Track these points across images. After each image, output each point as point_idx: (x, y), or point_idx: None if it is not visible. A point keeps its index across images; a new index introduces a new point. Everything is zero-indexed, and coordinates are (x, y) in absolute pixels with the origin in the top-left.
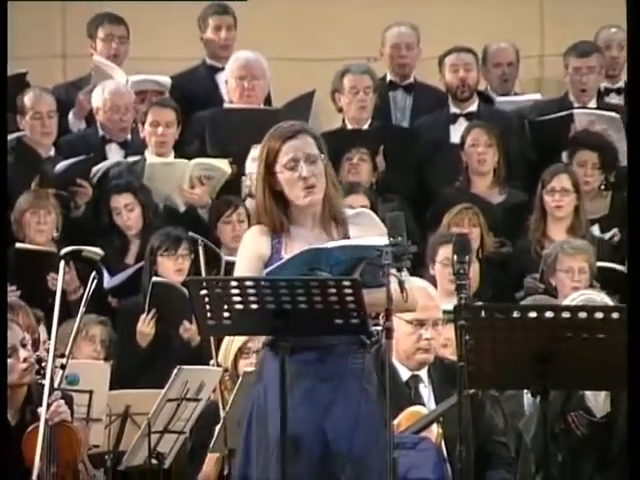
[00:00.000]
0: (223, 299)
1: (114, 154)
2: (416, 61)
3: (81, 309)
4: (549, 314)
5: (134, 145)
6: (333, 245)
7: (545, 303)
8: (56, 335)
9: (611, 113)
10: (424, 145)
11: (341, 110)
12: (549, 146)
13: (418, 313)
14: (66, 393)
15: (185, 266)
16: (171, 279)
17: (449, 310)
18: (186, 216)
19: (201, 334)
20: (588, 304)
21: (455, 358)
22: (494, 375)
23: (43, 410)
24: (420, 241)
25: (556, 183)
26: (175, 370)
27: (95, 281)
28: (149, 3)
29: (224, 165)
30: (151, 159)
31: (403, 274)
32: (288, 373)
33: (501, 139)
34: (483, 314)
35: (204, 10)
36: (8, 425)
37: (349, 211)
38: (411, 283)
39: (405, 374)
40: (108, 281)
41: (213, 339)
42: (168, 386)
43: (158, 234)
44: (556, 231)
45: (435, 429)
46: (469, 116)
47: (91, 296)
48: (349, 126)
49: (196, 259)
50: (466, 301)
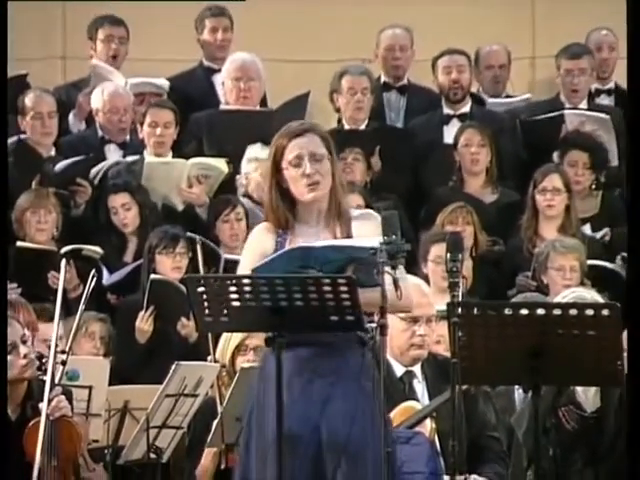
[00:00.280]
0: (220, 296)
1: (113, 154)
2: (410, 63)
3: (81, 306)
4: (541, 311)
5: (133, 146)
6: (323, 244)
7: (536, 300)
8: (57, 332)
9: (601, 114)
10: (418, 145)
11: (339, 110)
12: (540, 146)
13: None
14: (66, 388)
15: (183, 264)
16: (169, 276)
17: (442, 309)
18: (184, 215)
19: (199, 331)
20: (579, 301)
21: (448, 354)
22: (487, 371)
23: (44, 405)
24: (414, 239)
25: (548, 183)
26: (173, 366)
27: (95, 279)
28: (147, 5)
29: (221, 164)
30: (149, 159)
31: (398, 271)
32: (287, 370)
33: (493, 139)
34: (476, 311)
35: (201, 12)
36: (9, 420)
37: (355, 211)
38: (406, 281)
39: (399, 370)
40: (107, 278)
41: (211, 335)
42: (166, 382)
43: (156, 232)
44: (548, 230)
45: (429, 424)
46: (462, 117)
47: (91, 293)
48: (346, 126)
49: (194, 257)
50: (459, 298)
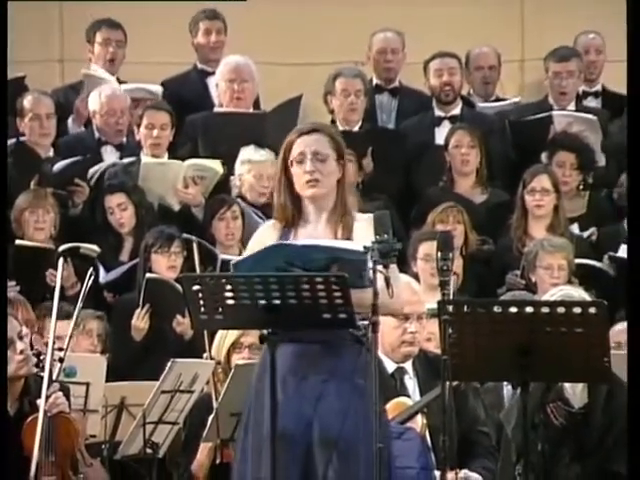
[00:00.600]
0: (215, 294)
1: (110, 156)
2: (401, 65)
3: (78, 304)
4: (529, 309)
5: (129, 147)
6: (306, 243)
7: (525, 298)
8: (54, 329)
9: (589, 115)
10: (409, 147)
11: (332, 112)
12: (529, 147)
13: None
14: (63, 385)
15: (178, 263)
16: (164, 275)
17: (433, 307)
18: (180, 215)
19: (194, 328)
20: (566, 299)
21: (439, 351)
22: (476, 368)
23: (42, 402)
24: (406, 239)
25: (536, 183)
26: (169, 363)
27: (92, 277)
28: (142, 8)
29: (216, 165)
30: (146, 160)
31: (390, 270)
32: (282, 367)
33: (483, 141)
34: (466, 309)
35: (195, 15)
36: (8, 416)
37: (363, 215)
38: (398, 281)
39: (391, 366)
40: (104, 277)
41: (206, 333)
42: (162, 378)
43: (152, 232)
44: (536, 229)
45: (420, 419)
46: (453, 119)
47: (88, 292)
48: (340, 127)
49: (191, 257)
50: (450, 297)
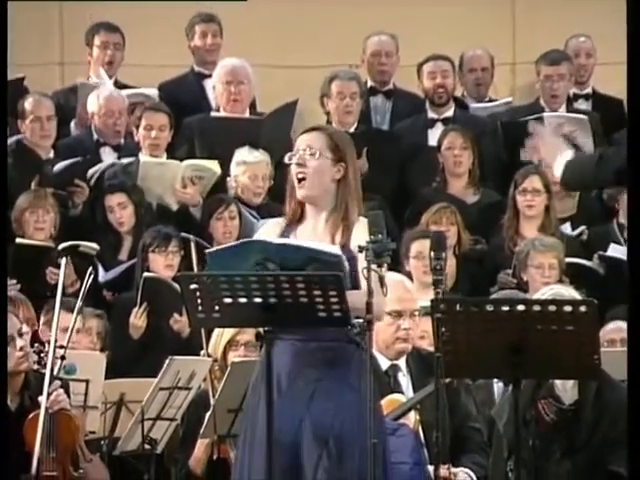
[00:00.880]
0: (212, 293)
1: (108, 157)
2: (395, 68)
3: (78, 303)
4: (521, 307)
5: (127, 148)
6: (282, 241)
7: (516, 297)
8: (56, 327)
9: (580, 115)
10: (404, 148)
11: (328, 114)
12: (521, 148)
13: (396, 304)
14: (63, 381)
15: (175, 262)
16: (162, 274)
17: (426, 305)
18: (178, 214)
19: (192, 326)
20: (557, 298)
21: (432, 349)
22: (469, 365)
23: (43, 399)
24: (399, 239)
25: (528, 184)
26: (167, 360)
27: (92, 276)
28: (142, 11)
29: (214, 166)
30: (145, 159)
31: (383, 270)
32: (277, 366)
33: (475, 142)
34: (459, 307)
35: (191, 19)
36: (9, 412)
37: (364, 219)
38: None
39: (385, 364)
40: (103, 276)
41: (203, 331)
42: (161, 375)
43: (149, 232)
44: (528, 229)
45: (413, 416)
46: (446, 121)
47: (88, 290)
48: (334, 126)
49: (188, 256)
50: (442, 295)
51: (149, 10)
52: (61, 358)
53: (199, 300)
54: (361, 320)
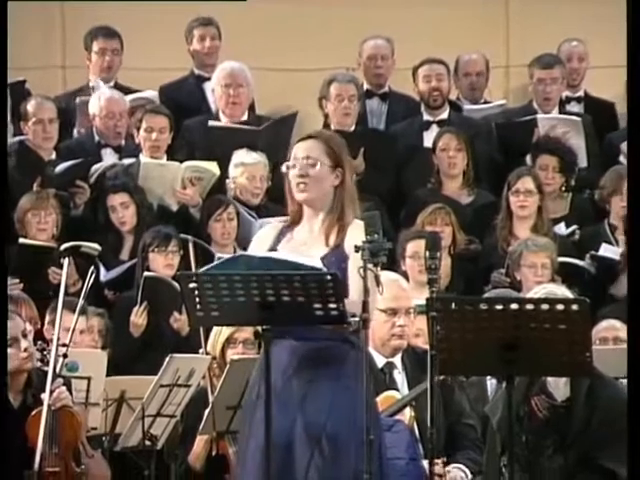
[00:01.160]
0: (211, 292)
1: (109, 158)
2: (391, 71)
3: (80, 302)
4: (514, 306)
5: (128, 149)
6: (265, 255)
7: (510, 296)
8: (59, 326)
9: (572, 117)
10: (399, 150)
11: (327, 116)
12: (514, 150)
13: (391, 302)
14: (65, 379)
15: (174, 262)
16: (161, 273)
17: (422, 304)
18: (179, 215)
19: (191, 325)
20: (550, 297)
21: (427, 347)
22: (463, 362)
23: (46, 396)
24: (395, 239)
25: (520, 185)
26: (167, 358)
27: (93, 275)
28: (143, 15)
29: (213, 167)
30: (145, 160)
31: (378, 269)
32: (272, 365)
33: (470, 144)
34: (453, 306)
35: (189, 23)
36: (12, 408)
37: (359, 222)
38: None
39: (380, 361)
40: (104, 275)
41: (202, 329)
42: (161, 373)
43: (150, 232)
44: (521, 229)
45: (408, 412)
46: (441, 123)
47: (89, 290)
48: (333, 128)
49: (187, 256)
50: (437, 294)
51: (149, 14)
52: (63, 356)
53: (198, 299)
54: (357, 318)
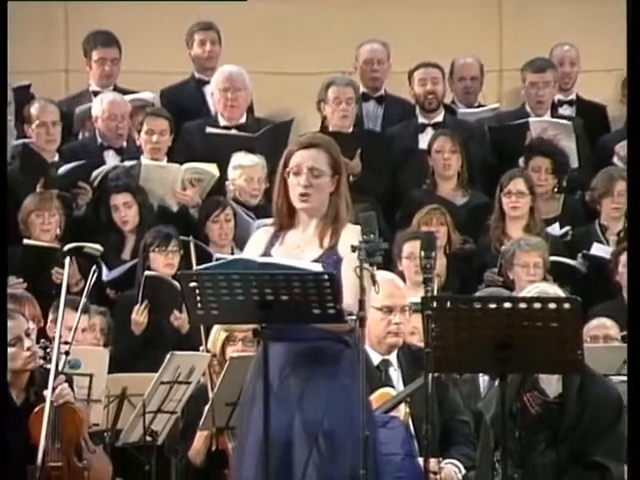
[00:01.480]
0: (211, 291)
1: (111, 159)
2: (386, 75)
3: (82, 300)
4: (508, 305)
5: (129, 151)
6: (264, 260)
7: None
8: (61, 324)
9: (563, 120)
10: (395, 151)
11: (325, 118)
12: (507, 152)
13: (387, 300)
14: (67, 376)
15: (175, 261)
16: (162, 273)
17: (417, 302)
18: (179, 215)
19: (191, 323)
20: (542, 296)
21: (422, 345)
22: (458, 360)
23: (49, 393)
24: (391, 239)
25: (513, 186)
26: (168, 355)
27: (95, 275)
28: (143, 18)
29: (213, 169)
30: (146, 162)
31: (374, 269)
32: (273, 362)
33: (464, 146)
34: (448, 305)
35: (190, 28)
36: (15, 406)
37: (353, 226)
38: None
39: (376, 359)
40: (106, 275)
41: (203, 327)
42: (161, 370)
43: (150, 232)
44: (513, 229)
45: (403, 409)
46: (436, 126)
47: (91, 289)
48: (330, 129)
49: (188, 256)
50: (433, 293)
51: (150, 14)
52: (66, 354)
53: (198, 297)
54: (354, 317)
